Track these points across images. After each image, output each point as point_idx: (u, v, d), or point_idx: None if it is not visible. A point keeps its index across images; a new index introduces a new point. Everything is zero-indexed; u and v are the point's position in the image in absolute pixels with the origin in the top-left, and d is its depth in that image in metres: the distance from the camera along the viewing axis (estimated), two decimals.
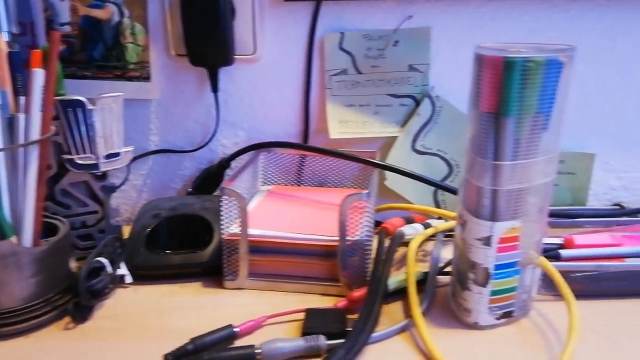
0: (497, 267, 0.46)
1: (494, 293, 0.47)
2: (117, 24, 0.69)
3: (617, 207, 0.73)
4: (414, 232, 0.62)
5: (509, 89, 0.41)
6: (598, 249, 0.55)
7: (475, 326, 0.49)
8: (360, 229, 0.55)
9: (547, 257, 0.54)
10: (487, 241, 0.46)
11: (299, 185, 0.74)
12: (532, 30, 0.67)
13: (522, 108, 0.42)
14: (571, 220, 0.68)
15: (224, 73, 0.71)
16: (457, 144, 0.71)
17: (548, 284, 0.52)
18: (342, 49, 0.69)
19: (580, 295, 0.52)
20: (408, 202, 0.72)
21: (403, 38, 0.68)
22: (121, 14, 0.68)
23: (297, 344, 0.44)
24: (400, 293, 0.53)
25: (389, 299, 0.53)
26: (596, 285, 0.53)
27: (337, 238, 0.53)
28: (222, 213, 0.55)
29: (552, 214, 0.69)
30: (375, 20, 0.68)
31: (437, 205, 0.73)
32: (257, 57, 0.69)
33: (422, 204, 0.71)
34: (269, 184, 0.73)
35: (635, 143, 0.71)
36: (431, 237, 0.65)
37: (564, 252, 0.54)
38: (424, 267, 0.57)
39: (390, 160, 0.71)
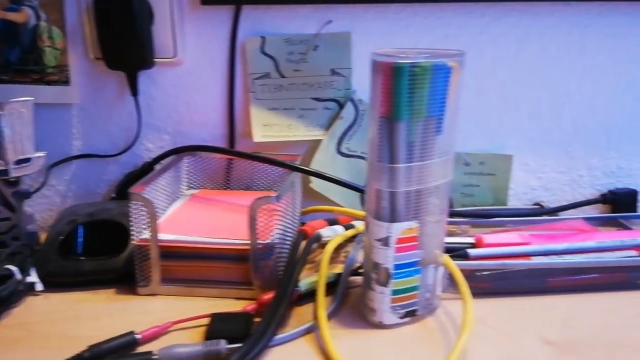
0: (397, 266, 0.47)
1: (395, 292, 0.48)
2: (34, 27, 0.67)
3: (537, 206, 0.76)
4: (333, 234, 0.63)
5: (399, 94, 0.42)
6: (506, 247, 0.57)
7: (380, 325, 0.49)
8: (272, 231, 0.55)
9: (455, 256, 0.55)
10: (385, 242, 0.46)
11: (226, 189, 0.73)
12: (448, 35, 0.69)
13: (413, 112, 0.43)
14: (492, 220, 0.70)
15: (145, 77, 0.70)
16: None
17: (455, 283, 0.53)
18: (264, 53, 0.69)
19: (487, 293, 0.54)
20: (335, 204, 0.73)
21: (324, 43, 0.68)
22: (38, 17, 0.67)
23: (196, 349, 0.44)
24: (314, 295, 0.54)
25: (303, 301, 0.54)
26: (502, 283, 0.55)
27: (249, 241, 0.53)
28: (132, 218, 0.55)
29: (473, 214, 0.70)
30: (295, 24, 0.68)
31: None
32: (179, 61, 0.69)
33: (349, 206, 0.72)
34: (194, 188, 0.72)
35: (551, 144, 0.74)
36: (354, 239, 0.65)
37: (472, 251, 0.56)
38: (342, 269, 0.58)
39: (316, 163, 0.71)
